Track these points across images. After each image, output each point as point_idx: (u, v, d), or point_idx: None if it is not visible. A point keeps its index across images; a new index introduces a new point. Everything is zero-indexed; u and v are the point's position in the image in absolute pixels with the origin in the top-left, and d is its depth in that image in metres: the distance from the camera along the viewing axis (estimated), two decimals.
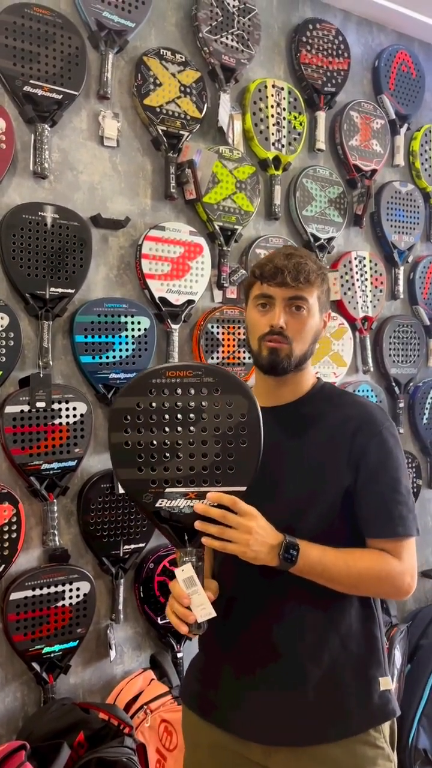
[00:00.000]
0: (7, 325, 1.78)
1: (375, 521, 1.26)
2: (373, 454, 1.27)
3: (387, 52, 2.71)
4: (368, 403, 1.36)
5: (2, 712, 1.81)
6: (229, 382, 1.14)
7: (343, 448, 1.27)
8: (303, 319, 1.30)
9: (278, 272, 1.28)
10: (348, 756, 1.24)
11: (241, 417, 1.13)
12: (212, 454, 1.13)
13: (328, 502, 1.26)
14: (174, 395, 1.13)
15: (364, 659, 1.28)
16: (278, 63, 2.44)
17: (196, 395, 1.13)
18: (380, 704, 1.27)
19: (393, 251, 2.71)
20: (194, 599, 1.14)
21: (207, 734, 1.33)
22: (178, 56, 2.12)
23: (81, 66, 1.92)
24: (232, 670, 1.30)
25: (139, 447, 1.14)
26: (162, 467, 1.14)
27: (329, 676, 1.25)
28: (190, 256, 2.14)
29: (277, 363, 1.29)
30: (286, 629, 1.26)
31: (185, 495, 1.14)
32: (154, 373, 1.14)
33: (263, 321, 1.31)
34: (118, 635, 2.03)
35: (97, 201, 2.00)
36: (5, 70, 1.80)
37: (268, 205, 2.37)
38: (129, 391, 1.15)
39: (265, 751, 1.26)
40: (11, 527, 1.78)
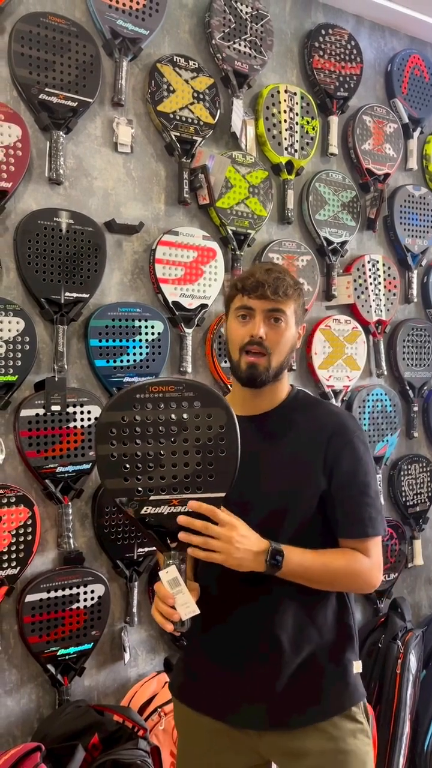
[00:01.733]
0: (22, 329, 1.80)
1: (347, 523, 1.35)
2: (345, 461, 1.35)
3: (400, 56, 2.71)
4: (341, 411, 1.46)
5: (18, 714, 1.83)
6: (208, 396, 1.21)
7: (318, 455, 1.35)
8: (281, 330, 1.37)
9: (259, 285, 1.35)
10: (333, 728, 1.33)
11: (219, 428, 1.20)
12: (193, 463, 1.20)
13: (305, 505, 1.34)
14: (157, 409, 1.20)
15: (340, 646, 1.38)
16: (291, 68, 2.45)
17: (178, 408, 1.20)
18: (356, 684, 1.38)
19: (406, 255, 2.70)
20: (179, 598, 1.21)
21: (196, 723, 1.40)
22: (192, 63, 2.14)
23: (95, 73, 1.95)
24: (218, 666, 1.37)
25: (124, 458, 1.20)
26: (146, 476, 1.21)
27: (309, 663, 1.34)
28: (203, 261, 2.15)
29: (255, 377, 1.36)
30: (268, 626, 1.33)
31: (169, 502, 1.21)
32: (138, 389, 1.21)
33: (243, 331, 1.37)
34: (133, 638, 2.04)
35: (111, 206, 2.02)
36: (21, 79, 1.83)
37: (281, 210, 2.38)
38: (114, 406, 1.21)
39: (256, 736, 1.35)
40: (26, 530, 1.80)
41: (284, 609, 1.33)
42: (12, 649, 1.82)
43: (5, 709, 1.81)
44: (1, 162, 1.78)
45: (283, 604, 1.33)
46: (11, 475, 1.83)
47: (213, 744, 1.38)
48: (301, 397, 1.46)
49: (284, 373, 1.42)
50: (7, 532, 1.77)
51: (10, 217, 1.84)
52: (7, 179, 1.79)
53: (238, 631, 1.35)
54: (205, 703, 1.38)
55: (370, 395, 2.57)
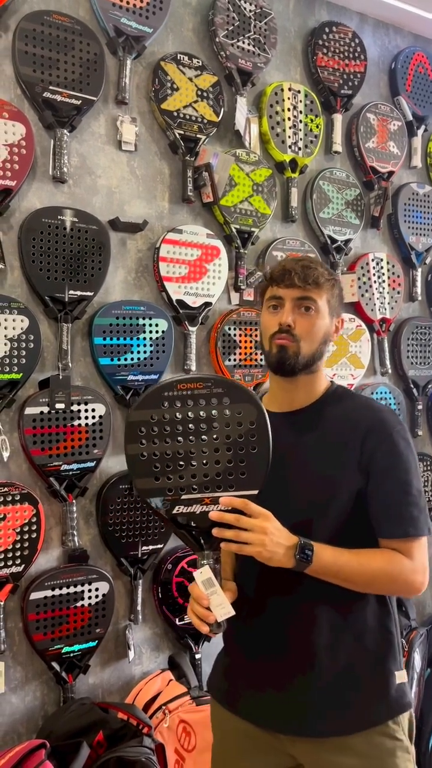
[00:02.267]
0: (26, 327, 1.81)
1: (386, 522, 1.28)
2: (383, 457, 1.29)
3: (404, 53, 2.71)
4: (380, 406, 1.39)
5: (22, 711, 1.83)
6: (237, 391, 1.19)
7: (355, 450, 1.30)
8: (311, 319, 1.34)
9: (287, 274, 1.34)
10: (368, 747, 1.27)
11: (250, 424, 1.18)
12: (224, 461, 1.18)
13: (341, 504, 1.29)
14: (186, 406, 1.18)
15: (381, 654, 1.32)
16: (294, 66, 2.45)
17: (207, 406, 1.18)
18: (397, 696, 1.31)
19: (410, 253, 2.70)
20: (213, 599, 1.19)
21: (233, 725, 1.37)
22: (195, 61, 2.14)
23: (99, 72, 1.95)
24: (253, 666, 1.34)
25: (154, 457, 1.19)
26: (177, 475, 1.19)
27: (346, 671, 1.29)
28: (207, 259, 2.15)
29: (284, 360, 1.32)
30: (303, 627, 1.30)
31: (201, 501, 1.19)
32: (166, 387, 1.19)
33: (273, 321, 1.35)
34: (137, 636, 2.04)
35: (115, 205, 2.02)
36: (25, 77, 1.83)
37: (285, 208, 2.38)
38: (142, 405, 1.20)
39: (289, 741, 1.31)
40: (31, 527, 1.80)
41: (320, 611, 1.29)
42: (17, 646, 1.82)
43: (10, 707, 1.81)
44: (6, 160, 1.78)
45: (319, 606, 1.29)
46: (16, 473, 1.83)
47: (246, 746, 1.36)
48: (339, 393, 1.41)
49: (319, 365, 1.37)
50: (11, 529, 1.77)
51: (15, 215, 1.84)
52: (12, 177, 1.79)
53: (273, 633, 1.32)
54: (239, 705, 1.36)
55: (374, 394, 2.56)
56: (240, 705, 1.36)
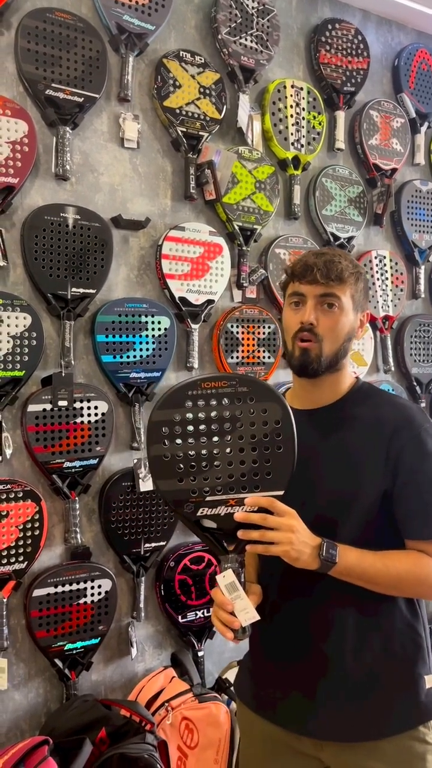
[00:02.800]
0: (29, 324, 1.81)
1: (413, 523, 1.25)
2: (410, 457, 1.26)
3: (407, 50, 2.70)
4: (408, 404, 1.35)
5: (25, 708, 1.83)
6: (262, 390, 1.16)
7: (380, 449, 1.27)
8: (335, 316, 1.29)
9: (308, 270, 1.29)
10: (397, 751, 1.25)
11: (275, 423, 1.15)
12: (249, 461, 1.15)
13: (366, 504, 1.26)
14: (209, 406, 1.15)
15: (410, 657, 1.29)
16: (297, 63, 2.44)
17: (231, 405, 1.15)
18: (427, 702, 1.28)
19: (414, 250, 2.69)
20: (237, 604, 1.16)
21: (260, 728, 1.36)
22: (198, 58, 2.14)
23: (102, 69, 1.95)
24: (279, 669, 1.33)
25: (178, 458, 1.16)
26: (201, 476, 1.16)
27: (375, 674, 1.26)
28: (209, 256, 2.15)
29: (307, 364, 1.29)
30: (328, 629, 1.27)
31: (225, 502, 1.16)
32: (190, 386, 1.16)
33: (295, 319, 1.31)
34: (140, 633, 2.04)
35: (117, 202, 2.02)
36: (28, 74, 1.83)
37: (288, 205, 2.38)
38: (165, 404, 1.16)
39: (317, 745, 1.29)
40: (34, 524, 1.80)
41: (346, 613, 1.26)
42: (19, 643, 1.82)
43: (13, 703, 1.82)
44: (8, 158, 1.78)
45: (344, 608, 1.26)
46: (18, 470, 1.83)
47: (274, 749, 1.34)
48: (365, 390, 1.37)
49: (343, 363, 1.34)
50: (14, 526, 1.77)
51: (17, 212, 1.84)
52: (14, 175, 1.79)
53: (298, 635, 1.29)
54: (266, 707, 1.34)
55: None
56: (267, 708, 1.34)
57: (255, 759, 1.39)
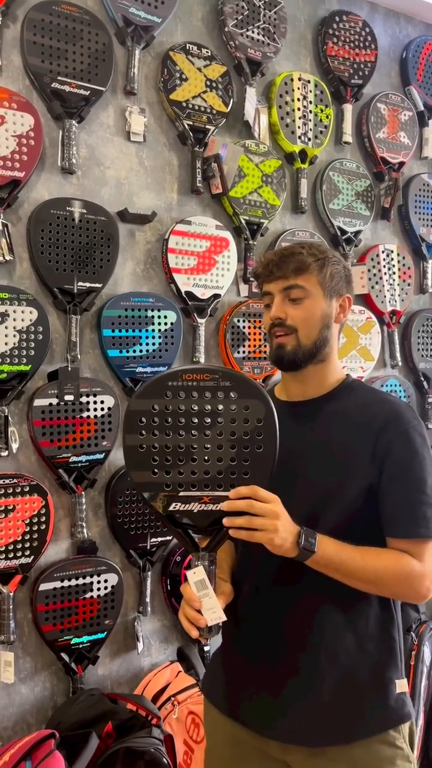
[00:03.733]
0: (35, 319, 1.80)
1: (397, 521, 1.23)
2: (397, 453, 1.24)
3: (415, 43, 2.68)
4: (396, 400, 1.33)
5: (32, 702, 1.84)
6: (246, 386, 1.13)
7: (367, 444, 1.25)
8: (303, 306, 1.30)
9: (266, 267, 1.32)
10: (366, 755, 1.22)
11: (257, 422, 1.12)
12: (227, 459, 1.12)
13: (350, 498, 1.24)
14: (190, 398, 1.12)
15: (382, 661, 1.27)
16: (304, 56, 2.43)
17: (213, 399, 1.12)
18: (396, 707, 1.26)
19: (421, 244, 2.68)
20: (205, 602, 1.13)
21: (226, 729, 1.33)
22: (204, 51, 2.12)
23: (108, 62, 1.94)
24: (250, 668, 1.30)
25: (153, 450, 1.13)
26: (176, 470, 1.13)
27: (346, 676, 1.24)
28: (216, 251, 2.14)
29: (283, 356, 1.30)
30: (303, 629, 1.25)
31: (199, 499, 1.13)
32: (170, 376, 1.13)
33: (268, 317, 1.34)
34: (146, 628, 2.04)
35: (124, 196, 2.02)
36: (34, 67, 1.82)
37: (295, 199, 2.36)
38: (144, 394, 1.13)
39: (283, 748, 1.26)
40: (40, 519, 1.80)
41: (321, 613, 1.24)
42: (26, 637, 1.83)
43: (20, 697, 1.82)
44: (14, 151, 1.78)
45: (320, 608, 1.24)
46: (25, 465, 1.84)
47: (239, 752, 1.31)
48: (353, 385, 1.37)
49: (327, 354, 1.32)
50: (20, 521, 1.78)
51: (23, 206, 1.84)
52: (20, 168, 1.78)
53: (271, 634, 1.27)
54: (232, 708, 1.31)
55: (384, 386, 2.55)
56: (234, 709, 1.31)
57: (220, 762, 1.36)
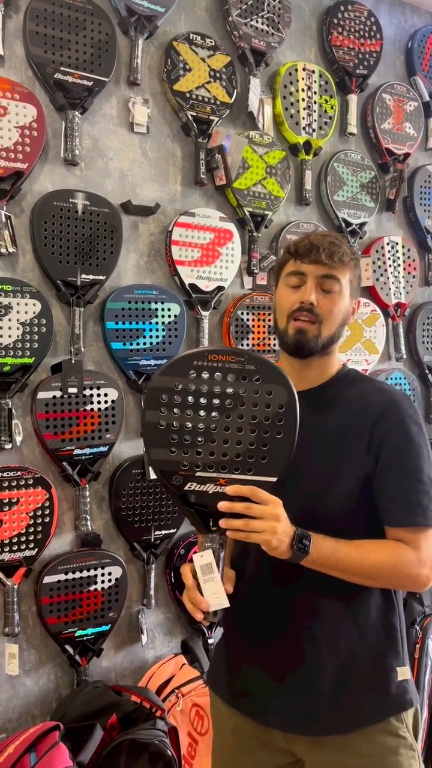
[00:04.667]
0: (39, 311, 1.80)
1: (393, 509, 1.23)
2: (393, 441, 1.24)
3: (420, 32, 2.66)
4: (392, 389, 1.33)
5: (36, 694, 1.84)
6: (270, 371, 1.12)
7: (363, 433, 1.25)
8: (334, 299, 1.28)
9: (313, 249, 1.27)
10: (369, 745, 1.23)
11: (279, 408, 1.11)
12: (246, 442, 1.11)
13: (347, 487, 1.24)
14: (214, 379, 1.11)
15: (383, 649, 1.27)
16: (309, 46, 2.41)
17: (236, 381, 1.11)
18: (398, 694, 1.26)
19: (426, 236, 2.66)
20: (209, 587, 1.12)
21: (230, 718, 1.34)
22: (208, 41, 2.11)
23: (111, 52, 1.92)
24: (252, 659, 1.30)
25: (173, 428, 1.12)
26: (194, 450, 1.12)
27: (347, 666, 1.24)
28: (220, 242, 2.13)
29: (303, 344, 1.27)
30: (303, 620, 1.25)
31: (215, 480, 1.12)
32: (196, 355, 1.12)
33: (294, 298, 1.29)
34: (150, 620, 2.05)
35: (127, 187, 2.00)
36: (36, 58, 1.81)
37: (299, 191, 2.35)
38: (169, 371, 1.12)
39: (287, 738, 1.27)
40: (44, 512, 1.80)
41: (322, 603, 1.24)
42: (30, 629, 1.83)
43: (24, 689, 1.83)
44: (17, 142, 1.77)
45: (321, 598, 1.24)
46: (29, 457, 1.83)
47: (245, 742, 1.31)
48: (351, 375, 1.36)
49: (334, 347, 1.32)
50: (25, 513, 1.78)
51: (26, 198, 1.83)
52: (23, 160, 1.77)
53: (273, 625, 1.27)
54: (236, 698, 1.32)
55: (388, 379, 2.54)
56: (238, 700, 1.32)
57: (226, 752, 1.36)
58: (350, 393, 1.31)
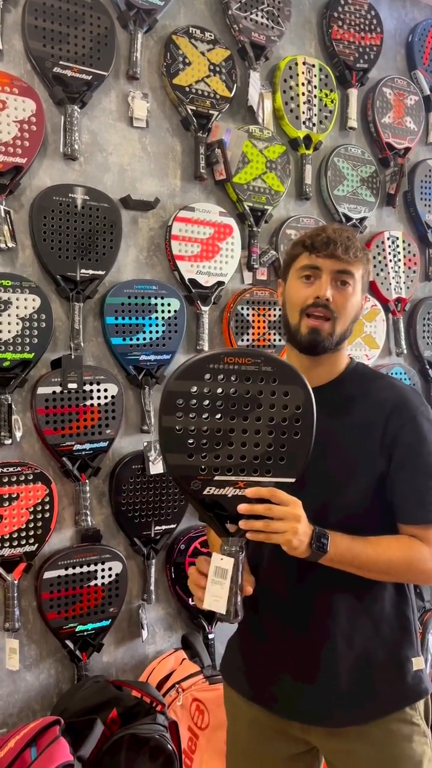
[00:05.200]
0: (38, 306, 1.79)
1: (406, 507, 1.24)
2: (406, 439, 1.24)
3: (421, 26, 2.64)
4: (403, 386, 1.33)
5: (37, 688, 1.85)
6: (287, 372, 1.12)
7: (376, 432, 1.25)
8: (348, 294, 1.27)
9: (330, 243, 1.25)
10: (383, 733, 1.25)
11: (296, 408, 1.11)
12: (264, 444, 1.11)
13: (361, 486, 1.25)
14: (230, 382, 1.10)
15: (397, 640, 1.28)
16: (309, 39, 2.40)
17: (253, 383, 1.10)
18: (413, 684, 1.28)
19: (427, 231, 2.65)
20: (215, 588, 1.12)
21: (247, 710, 1.35)
22: (208, 34, 2.10)
23: (110, 46, 1.91)
24: (268, 655, 1.31)
25: (190, 432, 1.11)
26: (213, 454, 1.11)
27: (363, 658, 1.26)
28: (219, 237, 2.12)
29: (317, 342, 1.26)
30: (319, 617, 1.26)
31: (234, 483, 1.11)
32: (212, 358, 1.11)
33: (308, 292, 1.27)
34: (150, 615, 2.05)
35: (126, 182, 2.00)
36: (35, 52, 1.80)
37: (299, 185, 2.34)
38: (184, 375, 1.11)
39: (304, 729, 1.29)
40: (44, 507, 1.80)
41: (337, 598, 1.25)
42: (31, 624, 1.83)
43: (25, 684, 1.83)
44: (16, 137, 1.76)
45: (336, 593, 1.25)
46: (29, 453, 1.83)
47: (259, 732, 1.33)
48: (359, 370, 1.36)
49: (345, 343, 1.31)
50: (25, 509, 1.77)
51: (25, 193, 1.82)
52: (22, 155, 1.77)
53: (288, 619, 1.28)
54: (252, 690, 1.33)
55: (389, 374, 2.53)
56: (255, 692, 1.34)
57: (242, 742, 1.38)
58: (361, 391, 1.31)
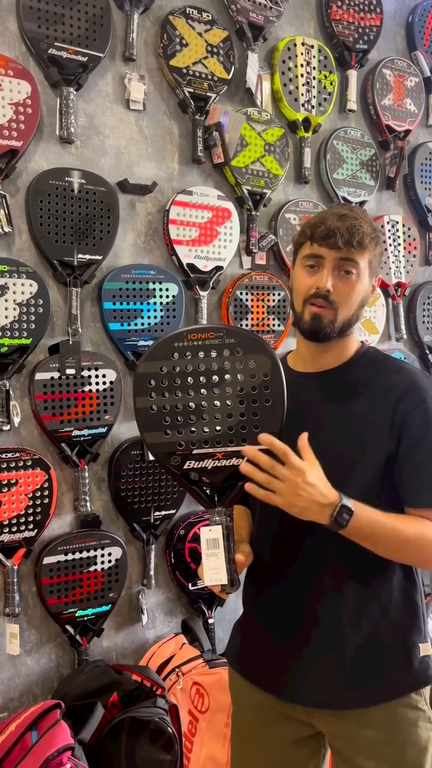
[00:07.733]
0: (35, 292, 1.78)
1: (415, 490, 1.24)
2: (416, 423, 1.24)
3: (421, 6, 2.61)
4: (413, 369, 1.33)
5: (38, 673, 1.85)
6: (250, 342, 1.15)
7: (385, 415, 1.25)
8: (351, 283, 1.27)
9: (330, 234, 1.24)
10: (388, 718, 1.25)
11: (263, 376, 1.13)
12: (237, 414, 1.14)
13: (369, 469, 1.25)
14: (196, 358, 1.14)
15: (405, 626, 1.28)
16: (308, 20, 2.36)
17: (219, 357, 1.14)
18: (420, 669, 1.28)
19: (427, 215, 2.63)
20: (210, 561, 1.14)
21: (251, 694, 1.35)
22: (205, 15, 2.07)
23: (106, 27, 1.89)
24: (274, 638, 1.32)
25: (164, 411, 1.15)
26: (188, 429, 1.15)
27: (369, 642, 1.26)
28: (218, 221, 2.11)
29: (319, 329, 1.26)
30: (327, 596, 1.26)
31: (213, 456, 1.15)
32: (176, 337, 1.15)
33: (309, 282, 1.27)
34: (150, 600, 2.05)
35: (123, 166, 1.98)
36: (30, 33, 1.78)
37: (298, 168, 2.32)
38: (152, 356, 1.16)
39: (308, 712, 1.30)
40: (43, 493, 1.80)
41: (345, 581, 1.25)
42: (31, 609, 1.84)
43: (26, 668, 1.84)
44: (11, 120, 1.74)
45: (343, 575, 1.25)
46: (27, 439, 1.83)
47: (264, 716, 1.34)
48: (370, 354, 1.35)
49: (353, 328, 1.31)
50: (23, 495, 1.77)
51: (21, 177, 1.80)
52: (18, 138, 1.75)
53: (293, 601, 1.28)
54: (257, 674, 1.34)
55: None
56: (259, 675, 1.34)
57: (247, 726, 1.38)
58: (371, 374, 1.30)
